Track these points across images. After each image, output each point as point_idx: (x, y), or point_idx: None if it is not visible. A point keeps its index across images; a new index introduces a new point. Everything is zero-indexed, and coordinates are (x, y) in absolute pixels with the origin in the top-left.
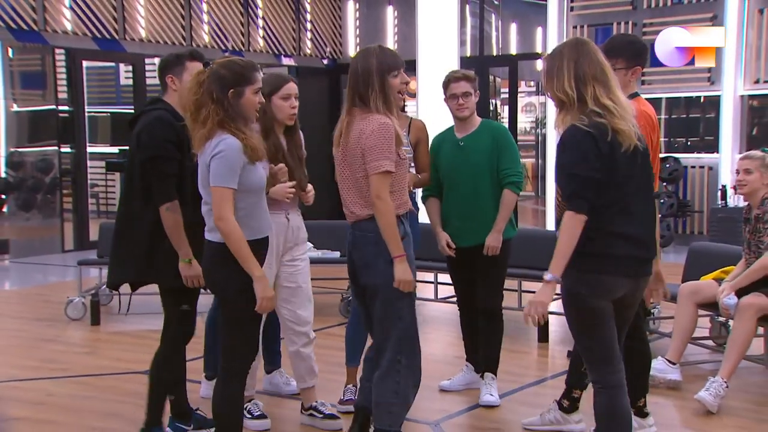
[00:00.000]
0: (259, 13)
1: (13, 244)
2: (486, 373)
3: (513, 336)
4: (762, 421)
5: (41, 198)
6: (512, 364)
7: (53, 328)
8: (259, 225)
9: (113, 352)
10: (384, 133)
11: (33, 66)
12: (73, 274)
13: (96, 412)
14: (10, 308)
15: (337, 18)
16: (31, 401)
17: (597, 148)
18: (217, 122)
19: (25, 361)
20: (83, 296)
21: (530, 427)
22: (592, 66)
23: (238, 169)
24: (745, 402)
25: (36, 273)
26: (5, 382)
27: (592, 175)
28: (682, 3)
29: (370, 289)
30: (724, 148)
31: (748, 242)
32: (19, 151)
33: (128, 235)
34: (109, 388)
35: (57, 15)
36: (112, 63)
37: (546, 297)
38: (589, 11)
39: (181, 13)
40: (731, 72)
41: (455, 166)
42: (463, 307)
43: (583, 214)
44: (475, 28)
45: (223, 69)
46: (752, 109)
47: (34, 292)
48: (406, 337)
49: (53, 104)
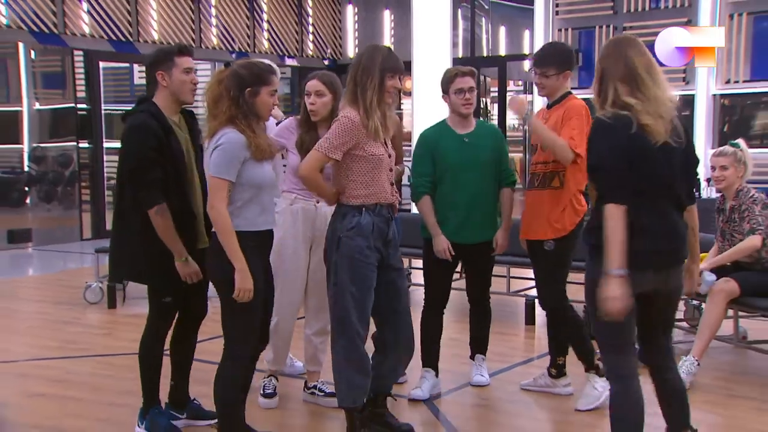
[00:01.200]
0: (264, 16)
1: (35, 233)
2: (477, 354)
3: (502, 320)
4: (731, 396)
5: (61, 190)
6: (501, 345)
7: (73, 311)
8: (254, 218)
9: (129, 334)
10: (340, 124)
11: (53, 67)
12: (91, 260)
13: (113, 389)
14: (33, 293)
15: (337, 21)
16: (54, 379)
17: (621, 138)
18: (228, 117)
19: (47, 342)
20: (100, 281)
21: (526, 387)
22: (618, 65)
23: (237, 163)
24: (715, 379)
25: (57, 260)
26: (30, 360)
27: (620, 165)
28: (659, 8)
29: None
30: (698, 144)
31: (722, 231)
32: (41, 146)
33: (118, 234)
34: (125, 367)
35: (76, 19)
36: (127, 64)
37: (617, 292)
38: (573, 15)
39: (191, 16)
40: (704, 72)
41: (462, 162)
42: (442, 298)
43: (622, 204)
44: (466, 30)
45: (242, 69)
46: (723, 107)
47: (54, 277)
48: (341, 320)
49: (72, 102)
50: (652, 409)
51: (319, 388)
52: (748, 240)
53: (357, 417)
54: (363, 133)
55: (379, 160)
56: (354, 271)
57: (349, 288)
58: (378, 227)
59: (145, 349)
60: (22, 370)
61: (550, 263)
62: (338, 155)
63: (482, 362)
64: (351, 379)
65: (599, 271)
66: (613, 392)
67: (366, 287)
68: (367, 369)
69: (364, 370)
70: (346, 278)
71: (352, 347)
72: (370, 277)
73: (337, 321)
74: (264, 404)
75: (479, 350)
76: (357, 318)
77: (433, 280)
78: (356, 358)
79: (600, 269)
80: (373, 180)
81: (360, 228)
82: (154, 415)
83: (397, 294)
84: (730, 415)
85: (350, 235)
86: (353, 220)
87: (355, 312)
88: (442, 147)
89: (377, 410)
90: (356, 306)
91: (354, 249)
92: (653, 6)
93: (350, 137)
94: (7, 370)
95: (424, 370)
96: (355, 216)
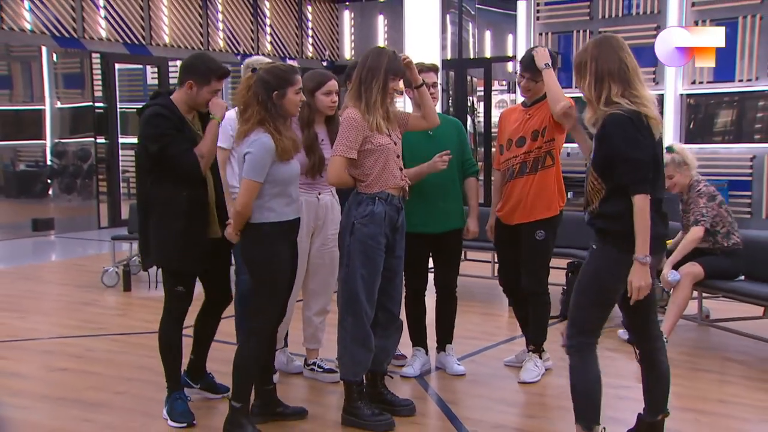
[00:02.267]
0: (267, 21)
1: (57, 222)
2: (446, 345)
3: (487, 301)
4: (695, 369)
5: (80, 182)
6: (487, 324)
7: (91, 294)
8: (281, 209)
9: (142, 315)
10: (346, 125)
11: (73, 68)
12: (108, 247)
13: (129, 365)
14: (56, 276)
15: (335, 25)
16: (74, 355)
17: (638, 131)
18: (257, 121)
19: (68, 321)
20: (116, 266)
21: (509, 363)
22: (612, 65)
23: (266, 166)
24: (680, 354)
25: (76, 246)
26: (53, 338)
27: (643, 157)
28: (631, 15)
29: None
30: (666, 140)
31: (682, 223)
32: (62, 141)
33: (145, 221)
34: (139, 345)
35: (93, 24)
36: (140, 65)
37: (645, 279)
38: (552, 20)
39: (200, 21)
40: (672, 73)
41: (426, 156)
42: (420, 282)
43: (649, 194)
44: (454, 34)
45: (267, 74)
46: (690, 106)
47: (75, 263)
48: (350, 300)
49: (90, 101)
50: (627, 383)
51: (318, 365)
52: (691, 232)
53: (356, 390)
54: (366, 128)
55: (387, 149)
56: (366, 256)
57: (360, 270)
58: (389, 215)
59: (164, 335)
60: (46, 347)
61: (538, 250)
62: (354, 154)
63: (452, 351)
64: (355, 355)
65: (614, 258)
66: (572, 366)
67: (375, 271)
68: (370, 346)
69: (368, 347)
70: (357, 262)
71: (359, 325)
72: (379, 262)
73: (346, 300)
74: (329, 378)
75: (448, 340)
76: (366, 298)
77: (409, 267)
78: (362, 335)
79: (614, 256)
80: (383, 168)
81: (373, 216)
82: (174, 399)
83: (394, 280)
84: (693, 387)
85: (364, 222)
86: (367, 208)
87: (364, 293)
88: (408, 140)
89: (377, 389)
90: (365, 287)
91: (367, 235)
92: (626, 12)
93: (358, 134)
94: (34, 347)
95: (415, 349)
96: (369, 205)
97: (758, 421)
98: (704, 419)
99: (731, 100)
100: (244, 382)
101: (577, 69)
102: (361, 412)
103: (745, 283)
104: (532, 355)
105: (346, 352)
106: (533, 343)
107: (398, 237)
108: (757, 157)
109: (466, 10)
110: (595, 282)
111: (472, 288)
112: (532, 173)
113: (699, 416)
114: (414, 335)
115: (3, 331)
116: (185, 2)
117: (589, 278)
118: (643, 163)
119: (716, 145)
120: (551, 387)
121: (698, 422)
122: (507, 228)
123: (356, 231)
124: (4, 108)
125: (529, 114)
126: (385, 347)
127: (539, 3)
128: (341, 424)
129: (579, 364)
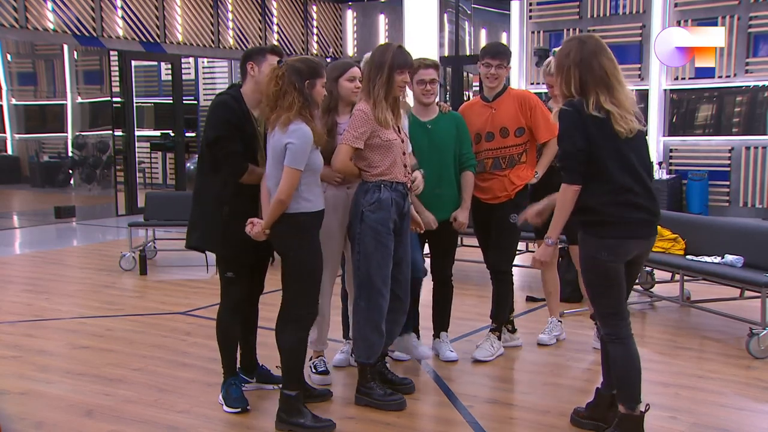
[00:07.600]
0: (274, 19)
1: (78, 210)
2: (441, 333)
3: (481, 284)
4: (676, 347)
5: (100, 172)
6: (482, 306)
7: (110, 277)
8: (315, 199)
9: (158, 297)
10: (356, 117)
11: (93, 65)
12: (125, 233)
13: (145, 343)
14: (77, 260)
15: (338, 24)
16: (95, 334)
17: (580, 123)
18: (297, 109)
19: (89, 302)
20: (133, 251)
21: (505, 345)
22: (593, 74)
23: (307, 154)
24: (663, 333)
25: (96, 233)
26: (75, 318)
27: (569, 148)
28: (618, 14)
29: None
30: (651, 133)
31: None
32: (83, 134)
33: (195, 205)
34: (155, 325)
35: (111, 24)
36: (155, 62)
37: (547, 257)
38: (543, 20)
39: (211, 20)
40: (656, 70)
41: (424, 148)
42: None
43: (574, 185)
44: (451, 32)
45: (299, 63)
46: (672, 101)
47: (94, 248)
48: (364, 284)
49: (108, 96)
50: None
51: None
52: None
53: (369, 371)
54: (375, 122)
55: (393, 144)
56: (377, 240)
57: (373, 255)
58: (396, 201)
59: (220, 323)
60: (69, 326)
61: (510, 232)
62: (360, 144)
63: (447, 338)
64: (368, 338)
65: (595, 244)
66: (615, 354)
67: (387, 254)
68: (381, 330)
69: (380, 331)
70: (370, 247)
71: (373, 308)
72: (390, 246)
73: (360, 285)
74: (318, 380)
75: (443, 328)
76: (380, 282)
77: None
78: (375, 318)
79: (594, 243)
80: (391, 164)
81: (380, 202)
82: (228, 385)
83: (401, 264)
84: (674, 363)
85: (372, 208)
86: (374, 195)
87: (378, 277)
88: (408, 134)
89: (378, 369)
90: (378, 271)
91: (376, 221)
92: (613, 12)
93: (367, 127)
94: (58, 326)
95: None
96: (375, 192)
97: (733, 395)
98: (684, 393)
99: (711, 96)
100: (294, 369)
101: (558, 68)
102: (374, 393)
103: (725, 267)
104: (490, 334)
105: (360, 335)
106: (495, 321)
107: (405, 222)
108: (735, 148)
109: (462, 9)
110: (591, 270)
111: (468, 272)
112: (507, 168)
113: (679, 390)
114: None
115: (30, 311)
116: (197, 2)
117: (586, 269)
118: (568, 154)
119: (697, 137)
120: (544, 365)
121: (678, 396)
122: (482, 210)
123: (366, 218)
124: (29, 103)
125: (494, 108)
126: (390, 330)
127: (531, 3)
128: (354, 404)
129: (617, 350)
